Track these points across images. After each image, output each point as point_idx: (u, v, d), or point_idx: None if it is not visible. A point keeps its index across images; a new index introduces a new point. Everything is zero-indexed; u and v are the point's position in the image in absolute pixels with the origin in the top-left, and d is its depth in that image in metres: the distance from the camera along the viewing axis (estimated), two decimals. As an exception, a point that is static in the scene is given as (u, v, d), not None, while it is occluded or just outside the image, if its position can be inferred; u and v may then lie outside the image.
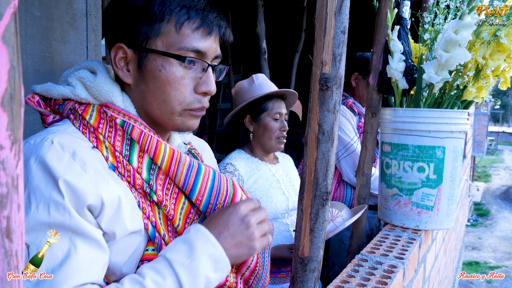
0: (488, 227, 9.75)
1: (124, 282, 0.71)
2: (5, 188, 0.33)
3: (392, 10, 1.51)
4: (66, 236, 0.68)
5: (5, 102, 0.32)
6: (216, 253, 0.76)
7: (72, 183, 0.69)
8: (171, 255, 0.74)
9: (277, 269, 1.75)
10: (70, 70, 0.87)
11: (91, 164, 0.74)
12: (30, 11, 1.28)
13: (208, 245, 0.75)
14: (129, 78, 0.84)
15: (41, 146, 0.72)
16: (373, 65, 1.62)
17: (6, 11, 0.32)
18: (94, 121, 0.79)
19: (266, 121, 1.78)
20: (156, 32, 0.80)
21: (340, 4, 0.86)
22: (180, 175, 0.82)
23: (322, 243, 0.98)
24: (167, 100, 0.83)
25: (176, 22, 0.80)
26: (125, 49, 0.82)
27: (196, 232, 0.77)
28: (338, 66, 0.89)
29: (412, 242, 1.41)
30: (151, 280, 0.70)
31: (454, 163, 1.49)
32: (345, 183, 2.29)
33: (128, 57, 0.83)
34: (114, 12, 0.84)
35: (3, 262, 0.34)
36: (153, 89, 0.82)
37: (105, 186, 0.74)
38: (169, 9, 0.79)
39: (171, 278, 0.71)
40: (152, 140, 0.80)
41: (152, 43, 0.81)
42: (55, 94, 0.82)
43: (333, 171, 0.95)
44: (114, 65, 0.84)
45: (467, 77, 1.43)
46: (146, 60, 0.82)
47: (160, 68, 0.81)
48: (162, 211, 0.82)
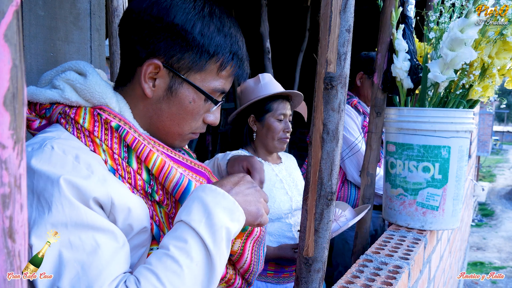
0: (493, 227, 9.70)
1: (151, 261, 0.70)
2: (7, 188, 0.33)
3: (397, 8, 1.50)
4: (86, 233, 0.68)
5: (8, 101, 0.32)
6: (228, 204, 0.76)
7: (76, 182, 0.69)
8: (186, 217, 0.73)
9: (281, 269, 1.74)
10: (52, 73, 0.85)
11: (96, 166, 0.74)
12: (34, 10, 1.28)
13: (219, 198, 0.75)
14: (152, 93, 0.83)
15: (41, 152, 0.71)
16: (377, 64, 1.62)
17: (8, 9, 0.31)
18: (88, 124, 0.78)
19: (270, 122, 1.77)
20: (201, 67, 0.82)
21: (345, 2, 0.86)
22: (168, 186, 0.81)
23: (327, 243, 0.97)
24: (182, 124, 0.86)
25: (221, 64, 0.83)
26: (161, 67, 0.81)
27: (203, 189, 0.77)
28: (343, 65, 0.88)
29: (417, 242, 1.40)
30: (175, 248, 0.70)
31: (460, 162, 1.48)
32: (349, 182, 2.28)
33: (160, 74, 0.82)
34: (166, 31, 0.80)
35: (5, 262, 0.33)
36: (175, 113, 0.85)
37: (114, 185, 0.74)
38: (222, 53, 0.82)
39: (193, 239, 0.71)
40: (144, 148, 0.80)
41: (192, 75, 0.83)
42: (42, 99, 0.80)
43: (338, 171, 0.95)
44: (143, 79, 0.82)
45: (472, 76, 1.42)
46: (180, 88, 0.83)
47: (190, 101, 0.84)
48: (163, 210, 0.82)
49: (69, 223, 0.67)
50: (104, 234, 0.70)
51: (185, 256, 0.70)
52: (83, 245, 0.67)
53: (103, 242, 0.69)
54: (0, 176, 0.32)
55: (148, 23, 0.80)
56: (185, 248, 0.70)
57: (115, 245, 0.70)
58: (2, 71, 0.31)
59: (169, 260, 0.69)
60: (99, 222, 0.69)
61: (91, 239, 0.68)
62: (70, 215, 0.67)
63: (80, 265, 0.66)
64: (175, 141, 0.90)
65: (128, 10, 0.85)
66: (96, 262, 0.67)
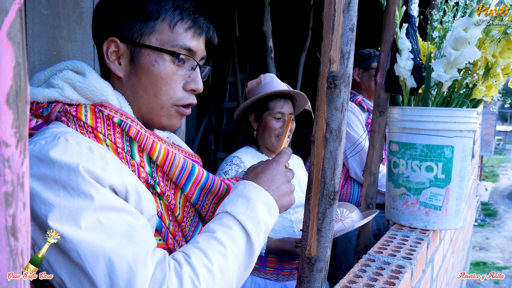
0: (496, 227, 9.67)
1: (198, 240, 0.75)
2: (10, 186, 0.33)
3: (400, 7, 1.50)
4: (116, 215, 0.70)
5: (11, 99, 0.32)
6: (268, 201, 0.83)
7: (93, 170, 0.70)
8: (231, 209, 0.80)
9: (280, 266, 1.75)
10: (46, 73, 0.86)
11: (109, 156, 0.76)
12: (37, 9, 1.29)
13: (260, 194, 0.83)
14: (121, 72, 0.86)
15: (56, 144, 0.72)
16: (381, 63, 1.61)
17: (11, 7, 0.31)
18: (91, 121, 0.79)
19: (267, 120, 1.82)
20: (151, 29, 0.84)
21: (348, 1, 0.85)
22: (173, 174, 0.85)
23: (330, 243, 0.97)
24: (158, 94, 0.86)
25: (170, 21, 0.84)
26: (118, 43, 0.84)
27: (245, 186, 0.84)
28: (346, 64, 0.88)
29: (420, 242, 1.40)
30: (221, 232, 0.76)
31: (463, 162, 1.47)
32: (352, 179, 2.28)
33: (120, 51, 0.85)
34: (107, 7, 0.86)
35: (8, 261, 0.33)
36: (145, 83, 0.86)
37: (127, 174, 0.76)
38: (164, 9, 0.84)
39: (237, 228, 0.77)
40: (148, 140, 0.82)
41: (146, 40, 0.84)
42: (40, 97, 0.82)
43: (340, 170, 0.94)
44: (106, 58, 0.85)
45: (476, 75, 1.41)
46: (140, 55, 0.85)
47: (153, 63, 0.84)
48: (163, 202, 0.85)
49: (104, 206, 0.69)
50: (129, 215, 0.72)
51: (230, 240, 0.75)
52: (116, 225, 0.69)
53: (131, 221, 0.72)
54: (3, 174, 0.32)
55: (98, 6, 0.88)
56: (230, 234, 0.76)
57: (142, 222, 0.74)
58: (5, 69, 0.31)
59: (215, 241, 0.74)
60: (124, 205, 0.73)
61: (121, 220, 0.70)
62: (98, 199, 0.69)
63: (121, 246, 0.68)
64: (161, 118, 0.89)
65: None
66: (136, 237, 0.70)
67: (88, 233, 0.66)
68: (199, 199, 0.91)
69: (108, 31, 0.85)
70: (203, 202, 0.92)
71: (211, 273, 0.71)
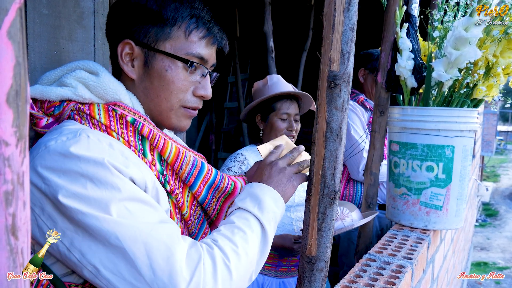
0: (497, 227, 9.65)
1: (220, 229, 0.83)
2: (10, 185, 0.33)
3: (401, 7, 1.50)
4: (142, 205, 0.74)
5: (11, 99, 0.32)
6: (273, 194, 0.92)
7: (116, 165, 0.73)
8: (242, 205, 0.89)
9: (278, 262, 1.77)
10: (56, 72, 0.87)
11: (128, 153, 0.78)
12: (38, 9, 1.29)
13: (265, 190, 0.92)
14: (134, 74, 0.88)
15: (79, 140, 0.73)
16: (381, 63, 1.61)
17: (11, 7, 0.31)
18: (104, 119, 0.81)
19: (273, 121, 1.85)
20: (167, 35, 0.86)
21: (349, 0, 0.85)
22: (183, 172, 0.88)
23: (330, 242, 0.97)
24: (168, 97, 0.89)
25: (186, 29, 0.87)
26: (133, 45, 0.86)
27: (250, 186, 0.93)
28: (346, 64, 0.88)
29: (420, 242, 1.40)
30: (239, 221, 0.85)
31: (464, 162, 1.47)
32: (354, 180, 2.27)
33: (135, 54, 0.87)
34: (125, 9, 0.87)
35: (8, 259, 0.33)
36: (157, 86, 0.88)
37: (145, 170, 0.79)
38: (181, 16, 0.86)
39: (252, 218, 0.86)
40: (160, 138, 0.84)
41: (161, 45, 0.87)
42: (53, 96, 0.83)
43: (341, 170, 0.94)
44: (120, 59, 0.87)
45: (477, 75, 1.41)
46: (154, 59, 0.87)
47: (167, 68, 0.87)
48: (172, 200, 0.87)
49: (130, 197, 0.72)
50: (152, 207, 0.76)
51: (248, 227, 0.84)
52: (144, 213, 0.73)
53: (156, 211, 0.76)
54: (3, 173, 0.32)
55: (114, 9, 0.90)
56: (247, 222, 0.85)
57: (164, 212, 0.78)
58: (5, 68, 0.31)
59: (236, 229, 0.83)
60: (146, 196, 0.76)
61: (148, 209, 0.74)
62: (125, 190, 0.72)
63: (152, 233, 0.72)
64: (171, 120, 0.92)
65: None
66: (165, 222, 0.75)
67: (121, 219, 0.70)
68: (206, 197, 0.94)
69: (124, 33, 0.87)
70: (211, 200, 0.95)
71: (238, 254, 0.78)
